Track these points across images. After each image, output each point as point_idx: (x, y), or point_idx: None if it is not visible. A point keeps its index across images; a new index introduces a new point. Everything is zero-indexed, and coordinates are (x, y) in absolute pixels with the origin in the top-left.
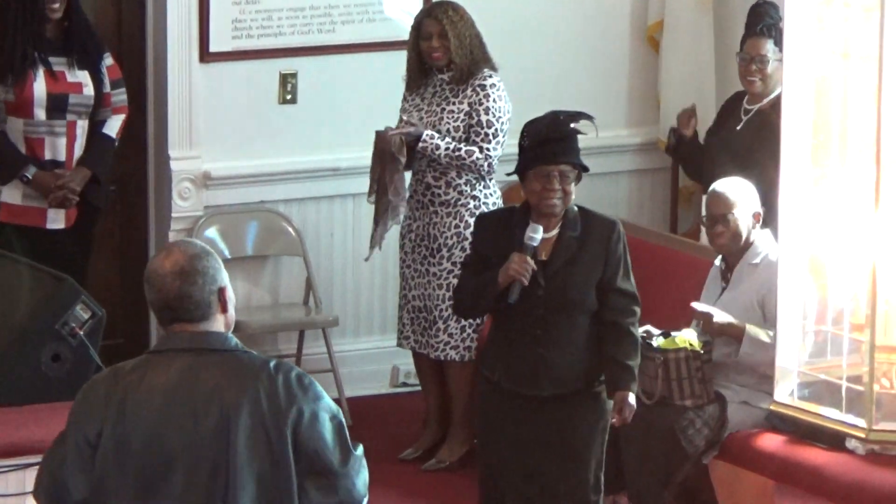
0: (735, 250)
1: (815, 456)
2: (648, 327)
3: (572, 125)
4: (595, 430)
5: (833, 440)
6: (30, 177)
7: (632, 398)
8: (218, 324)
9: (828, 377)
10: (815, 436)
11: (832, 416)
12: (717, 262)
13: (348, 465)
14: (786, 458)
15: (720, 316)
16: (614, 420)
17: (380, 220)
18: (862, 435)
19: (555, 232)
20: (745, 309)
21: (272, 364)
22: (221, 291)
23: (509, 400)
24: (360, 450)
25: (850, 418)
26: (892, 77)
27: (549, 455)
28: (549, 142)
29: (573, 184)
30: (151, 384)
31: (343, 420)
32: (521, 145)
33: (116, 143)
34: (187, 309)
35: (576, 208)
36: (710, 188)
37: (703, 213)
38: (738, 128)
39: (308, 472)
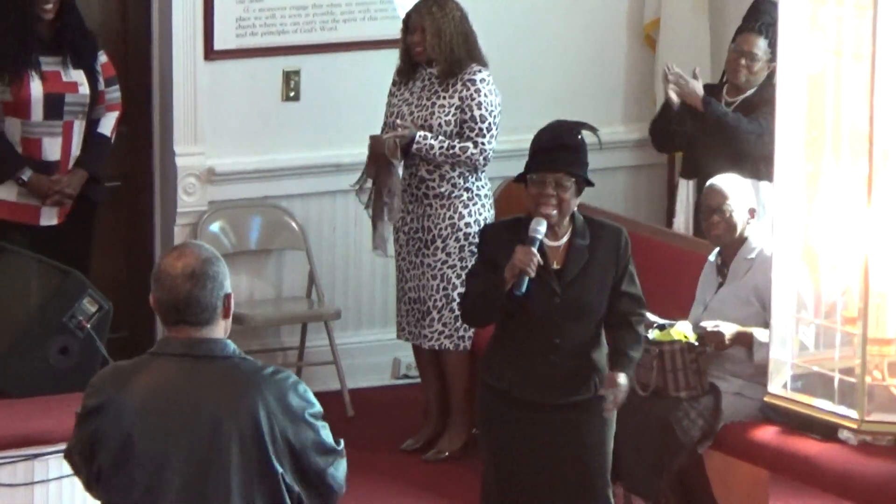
0: (730, 242)
1: (808, 446)
2: (648, 314)
3: (578, 136)
4: (605, 436)
5: (826, 431)
6: (25, 179)
7: (621, 378)
8: (219, 329)
9: (821, 369)
10: (809, 427)
11: (825, 407)
12: (712, 257)
13: (334, 464)
14: (779, 448)
15: (727, 328)
16: (602, 392)
17: (378, 221)
18: (854, 426)
19: (564, 240)
20: (742, 303)
21: (268, 371)
22: (227, 298)
23: (519, 409)
24: (341, 445)
25: (843, 409)
26: (884, 74)
27: (562, 461)
28: (547, 150)
29: (572, 193)
30: (150, 386)
31: (325, 424)
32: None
33: (112, 141)
34: (194, 312)
35: (582, 217)
36: (708, 183)
37: (701, 205)
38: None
39: (297, 472)
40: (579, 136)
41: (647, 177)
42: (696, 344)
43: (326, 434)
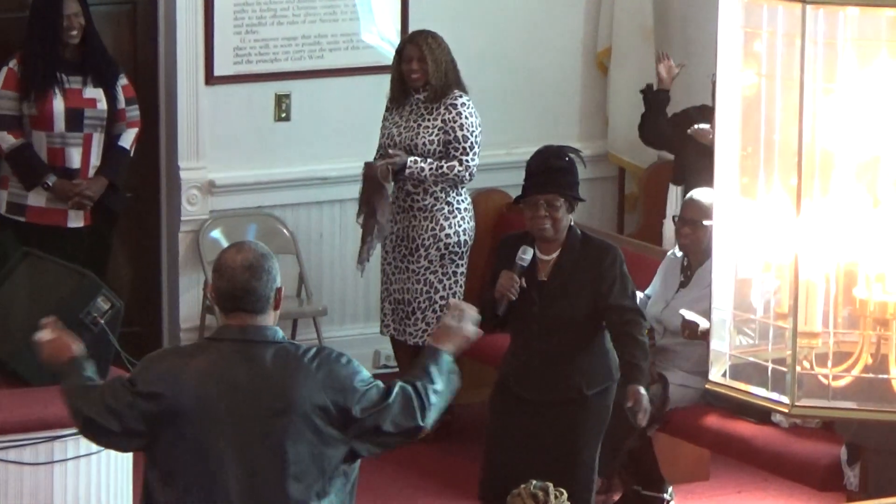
0: (695, 252)
1: (745, 429)
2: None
3: (566, 158)
4: (592, 432)
5: (760, 415)
6: (51, 184)
7: (642, 390)
8: (270, 318)
9: (756, 360)
10: (745, 411)
11: (759, 393)
12: (677, 252)
13: (392, 415)
14: (719, 430)
15: (704, 324)
16: (630, 405)
17: (367, 238)
18: (786, 410)
19: (555, 255)
20: (703, 312)
21: (312, 351)
22: (278, 291)
23: (516, 401)
24: (392, 395)
25: (775, 396)
26: (811, 96)
27: (548, 453)
28: (537, 174)
29: (563, 212)
30: (210, 367)
31: (379, 384)
32: None
33: (131, 154)
34: (250, 301)
35: (579, 234)
36: (689, 194)
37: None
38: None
39: (362, 435)
40: (567, 158)
41: (600, 188)
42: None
43: (376, 393)
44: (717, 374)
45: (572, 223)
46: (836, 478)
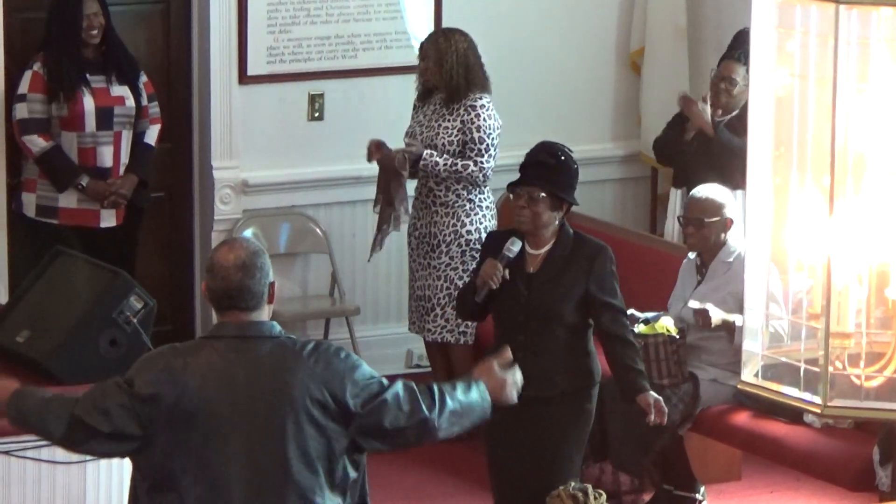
0: (704, 249)
1: (776, 429)
2: (633, 311)
3: (560, 155)
4: (572, 430)
5: (792, 415)
6: (84, 185)
7: (650, 395)
8: (265, 313)
9: (788, 360)
10: (777, 411)
11: (791, 393)
12: (692, 255)
13: (395, 412)
14: (751, 430)
15: (715, 313)
16: (653, 419)
17: (383, 226)
18: (818, 410)
19: (546, 250)
20: (719, 302)
21: (311, 345)
22: (271, 285)
23: None
24: (394, 386)
25: (808, 396)
26: (844, 96)
27: (529, 448)
28: (523, 167)
29: (545, 207)
30: (209, 365)
31: (382, 380)
32: None
33: (155, 150)
34: (244, 298)
35: (571, 232)
36: (691, 193)
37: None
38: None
39: (362, 430)
40: (561, 156)
41: (633, 188)
42: (678, 337)
43: (377, 388)
44: (749, 373)
45: (564, 222)
46: (868, 478)
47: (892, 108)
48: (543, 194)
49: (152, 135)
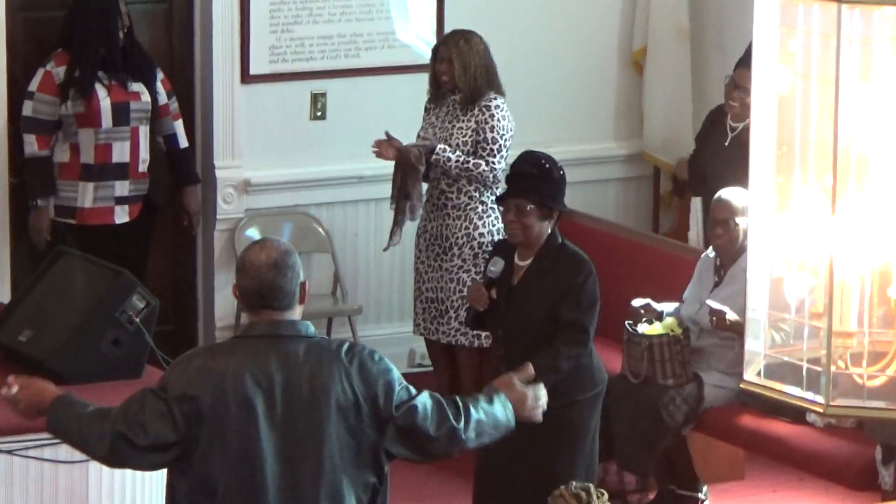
0: (731, 251)
1: (779, 428)
2: (649, 301)
3: (544, 164)
4: (562, 446)
5: (795, 414)
6: (38, 205)
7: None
8: (297, 313)
9: (790, 359)
10: (780, 411)
11: (794, 393)
12: (711, 253)
13: (424, 420)
14: (754, 430)
15: (731, 314)
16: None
17: (399, 218)
18: (820, 410)
19: (529, 261)
20: (738, 311)
21: (346, 346)
22: (303, 285)
23: None
24: (420, 396)
25: (810, 395)
26: (846, 95)
27: (523, 465)
28: (509, 178)
29: (535, 218)
30: (243, 365)
31: (409, 386)
32: None
33: (188, 148)
34: (277, 298)
35: (558, 242)
36: (717, 195)
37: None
38: (727, 143)
39: (392, 434)
40: (545, 164)
41: (635, 188)
42: (682, 337)
43: (406, 394)
44: (751, 373)
45: (555, 231)
46: (870, 477)
47: (895, 107)
48: (531, 206)
49: (181, 133)
